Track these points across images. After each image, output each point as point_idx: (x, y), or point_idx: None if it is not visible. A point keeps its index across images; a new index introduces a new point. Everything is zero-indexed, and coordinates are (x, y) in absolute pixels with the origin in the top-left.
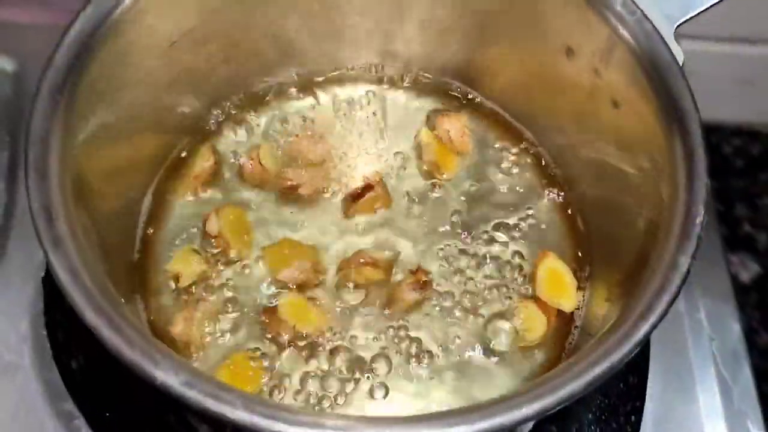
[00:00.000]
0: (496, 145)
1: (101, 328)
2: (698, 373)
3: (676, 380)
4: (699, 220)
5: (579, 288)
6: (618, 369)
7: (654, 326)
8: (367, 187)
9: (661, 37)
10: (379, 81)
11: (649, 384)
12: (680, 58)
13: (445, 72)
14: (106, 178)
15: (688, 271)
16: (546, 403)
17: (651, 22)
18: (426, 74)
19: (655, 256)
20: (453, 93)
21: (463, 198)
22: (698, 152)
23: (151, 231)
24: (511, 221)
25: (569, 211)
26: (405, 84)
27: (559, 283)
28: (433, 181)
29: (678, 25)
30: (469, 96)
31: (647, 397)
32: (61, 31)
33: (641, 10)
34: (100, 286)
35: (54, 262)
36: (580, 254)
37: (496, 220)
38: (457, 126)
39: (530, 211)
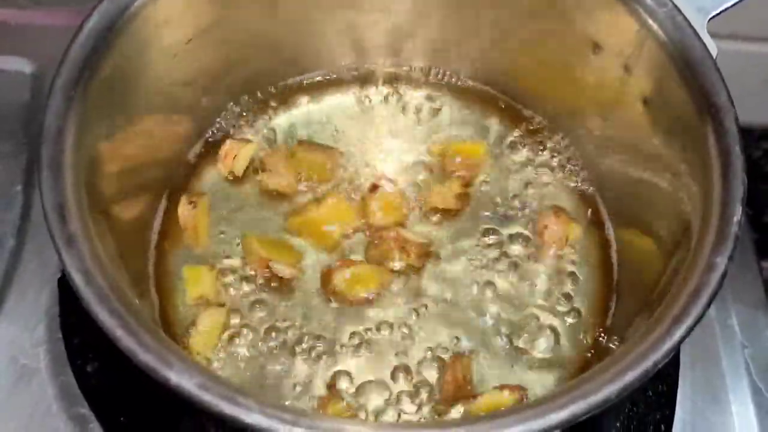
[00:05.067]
0: (515, 138)
1: (114, 329)
2: (731, 382)
3: (708, 389)
4: (736, 219)
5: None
6: (651, 375)
7: (690, 329)
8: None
9: (694, 30)
10: (400, 81)
11: (679, 392)
12: (714, 52)
13: (463, 69)
14: (121, 179)
15: (725, 273)
16: (576, 410)
17: (683, 15)
18: (448, 75)
19: (689, 258)
20: (475, 94)
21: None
22: (734, 149)
23: (167, 235)
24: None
25: (597, 216)
26: (426, 84)
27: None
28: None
29: (710, 18)
30: (494, 95)
31: (677, 405)
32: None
33: (672, 2)
34: (115, 286)
35: (67, 261)
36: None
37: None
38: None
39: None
